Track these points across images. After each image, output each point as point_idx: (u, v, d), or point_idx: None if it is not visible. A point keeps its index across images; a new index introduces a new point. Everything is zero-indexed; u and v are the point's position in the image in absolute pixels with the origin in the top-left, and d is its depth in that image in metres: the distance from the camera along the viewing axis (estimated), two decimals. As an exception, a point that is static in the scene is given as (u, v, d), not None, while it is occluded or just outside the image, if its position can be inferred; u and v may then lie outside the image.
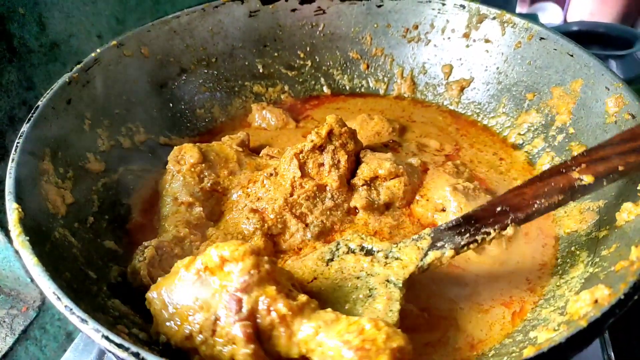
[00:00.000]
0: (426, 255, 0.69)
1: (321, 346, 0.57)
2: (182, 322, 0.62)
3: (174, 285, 0.63)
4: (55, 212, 0.76)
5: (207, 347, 0.60)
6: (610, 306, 0.52)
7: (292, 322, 0.59)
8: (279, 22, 1.18)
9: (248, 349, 0.57)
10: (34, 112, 0.80)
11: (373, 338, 0.55)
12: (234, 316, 0.58)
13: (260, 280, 0.60)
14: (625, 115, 0.82)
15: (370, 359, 0.54)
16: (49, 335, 1.14)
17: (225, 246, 0.61)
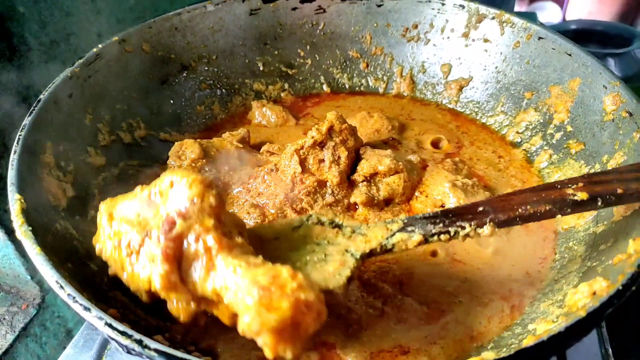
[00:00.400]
0: (393, 235, 0.67)
1: (235, 285, 0.55)
2: (117, 237, 0.61)
3: (126, 201, 0.63)
4: (57, 204, 0.76)
5: (129, 266, 0.60)
6: (608, 297, 0.52)
7: (215, 256, 0.57)
8: (279, 20, 1.18)
9: (162, 269, 0.57)
10: (36, 105, 0.81)
11: (283, 284, 0.53)
12: (162, 235, 0.58)
13: (201, 211, 0.59)
14: (623, 113, 0.83)
15: (271, 301, 0.52)
16: (49, 332, 1.14)
17: (179, 172, 0.61)
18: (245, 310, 0.52)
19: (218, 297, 0.57)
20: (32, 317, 1.09)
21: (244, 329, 0.52)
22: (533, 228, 0.88)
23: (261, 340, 0.51)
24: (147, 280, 0.58)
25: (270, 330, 0.50)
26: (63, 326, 1.16)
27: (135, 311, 0.69)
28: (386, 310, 0.76)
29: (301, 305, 0.51)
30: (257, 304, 0.51)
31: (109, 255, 0.62)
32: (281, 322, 0.50)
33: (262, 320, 0.50)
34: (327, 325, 0.73)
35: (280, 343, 0.51)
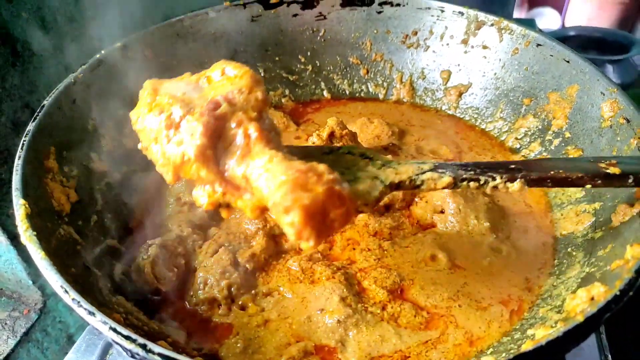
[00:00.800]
0: (423, 173, 0.66)
1: (267, 171, 0.55)
2: (158, 108, 0.61)
3: (172, 82, 0.64)
4: (60, 209, 0.77)
5: (164, 138, 0.60)
6: (606, 302, 0.53)
7: (254, 144, 0.57)
8: (280, 27, 1.19)
9: (200, 140, 0.57)
10: (40, 111, 0.81)
11: (320, 173, 0.53)
12: (206, 111, 0.58)
13: (247, 101, 0.59)
14: (620, 119, 0.84)
15: (307, 183, 0.52)
16: (50, 337, 1.14)
17: (232, 63, 0.62)
18: (278, 188, 0.52)
19: (247, 183, 0.57)
20: (34, 322, 1.09)
21: (275, 202, 0.51)
22: (532, 232, 0.89)
23: (289, 218, 0.50)
24: (180, 154, 0.58)
25: (302, 208, 0.50)
26: (64, 331, 1.16)
27: (138, 316, 0.69)
28: (386, 315, 0.77)
29: (335, 195, 0.52)
30: (292, 182, 0.51)
31: (145, 125, 0.62)
32: (314, 202, 0.51)
33: (296, 196, 0.51)
34: (327, 329, 0.75)
35: (307, 226, 0.51)
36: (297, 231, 0.51)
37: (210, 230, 0.87)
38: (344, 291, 0.79)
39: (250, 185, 0.57)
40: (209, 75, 0.63)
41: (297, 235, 0.51)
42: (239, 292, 0.79)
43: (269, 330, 0.76)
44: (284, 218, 0.52)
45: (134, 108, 0.64)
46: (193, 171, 0.58)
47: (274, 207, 0.52)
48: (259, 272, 0.83)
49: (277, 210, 0.52)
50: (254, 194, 0.57)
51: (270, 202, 0.52)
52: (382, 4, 1.20)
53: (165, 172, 0.61)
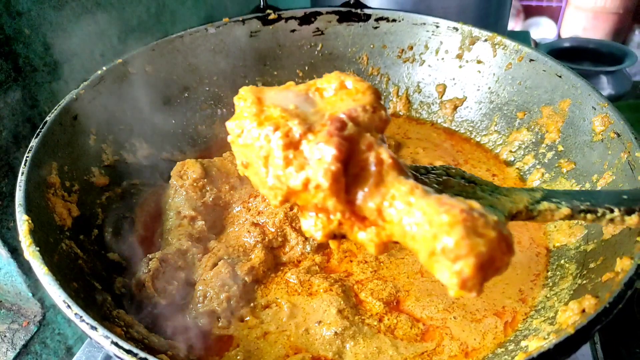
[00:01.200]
0: (539, 202, 0.58)
1: (410, 205, 0.48)
2: (271, 123, 0.53)
3: (277, 91, 0.57)
4: (62, 224, 0.78)
5: (280, 159, 0.52)
6: (596, 314, 0.54)
7: (387, 172, 0.50)
8: (278, 42, 1.21)
9: (334, 166, 0.49)
10: (42, 127, 0.83)
11: (482, 213, 0.46)
12: (334, 131, 0.50)
13: (371, 121, 0.53)
14: (611, 134, 0.86)
15: (476, 226, 0.45)
16: (49, 350, 1.15)
17: (351, 76, 0.56)
18: (445, 230, 0.45)
19: (379, 216, 0.51)
20: (33, 335, 1.09)
21: (446, 248, 0.45)
22: (525, 244, 0.90)
23: (457, 267, 0.44)
24: (303, 180, 0.51)
25: (477, 256, 0.44)
26: (63, 343, 1.17)
27: (139, 330, 0.70)
28: (383, 327, 0.78)
29: (503, 240, 0.46)
30: (463, 224, 0.45)
31: (252, 142, 0.54)
32: (490, 249, 0.44)
33: (472, 243, 0.44)
34: (324, 341, 0.76)
35: (476, 276, 0.44)
36: (462, 281, 0.45)
37: (209, 243, 0.88)
38: (342, 303, 0.80)
39: (383, 219, 0.51)
40: (319, 87, 0.57)
41: (461, 285, 0.45)
42: (238, 304, 0.80)
43: (267, 342, 0.77)
44: (452, 266, 0.45)
45: (231, 118, 0.56)
46: (318, 200, 0.51)
47: (441, 253, 0.45)
48: (257, 284, 0.84)
49: (443, 256, 0.45)
50: (384, 229, 0.51)
51: (439, 247, 0.45)
52: (378, 19, 1.22)
53: (272, 196, 0.55)
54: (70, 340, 1.18)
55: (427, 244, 0.47)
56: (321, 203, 0.51)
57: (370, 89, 0.55)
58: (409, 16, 1.20)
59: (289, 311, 0.81)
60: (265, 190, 0.55)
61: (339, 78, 0.56)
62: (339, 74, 0.57)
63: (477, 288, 0.45)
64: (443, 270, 0.46)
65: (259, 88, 0.57)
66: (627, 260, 0.62)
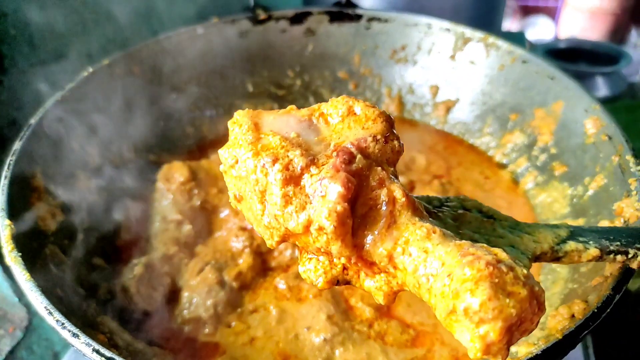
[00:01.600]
0: (565, 242, 0.53)
1: (426, 253, 0.43)
2: (269, 153, 0.47)
3: (276, 116, 0.51)
4: (46, 229, 0.76)
5: (278, 195, 0.46)
6: (584, 319, 0.54)
7: (400, 212, 0.45)
8: (269, 42, 1.20)
9: (340, 206, 0.43)
10: (27, 130, 0.81)
11: (512, 265, 0.40)
12: (340, 164, 0.45)
13: (382, 153, 0.48)
14: (603, 136, 0.85)
15: (505, 283, 0.39)
16: (35, 356, 1.13)
17: (360, 101, 0.51)
18: (468, 288, 0.39)
19: (390, 262, 0.45)
20: (19, 341, 1.08)
21: (470, 309, 0.39)
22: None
23: (482, 330, 0.38)
24: (304, 221, 0.45)
25: (505, 320, 0.38)
26: (50, 349, 1.15)
27: (123, 336, 0.69)
28: (373, 333, 0.77)
29: (534, 297, 0.39)
30: (489, 282, 0.38)
31: (247, 174, 0.48)
32: (520, 310, 0.38)
33: (501, 304, 0.38)
34: (313, 347, 0.75)
35: (502, 341, 0.38)
36: (486, 346, 0.39)
37: (196, 247, 0.86)
38: (331, 309, 0.79)
39: (394, 266, 0.45)
40: (324, 113, 0.51)
41: (485, 350, 0.39)
42: (225, 310, 0.79)
43: (255, 349, 0.76)
44: (475, 330, 0.39)
45: (224, 146, 0.51)
46: (320, 244, 0.45)
47: (463, 313, 0.39)
48: (245, 290, 0.83)
49: (466, 318, 0.39)
50: (396, 277, 0.46)
51: (461, 307, 0.39)
52: (370, 19, 1.21)
53: (267, 236, 0.49)
54: (57, 346, 1.17)
55: (446, 300, 0.40)
56: (324, 247, 0.45)
57: (381, 116, 0.50)
58: (401, 17, 1.19)
59: (278, 317, 0.80)
60: (260, 228, 0.49)
61: (347, 103, 0.51)
62: (347, 99, 0.51)
63: (502, 353, 0.39)
64: (464, 332, 0.40)
65: (256, 112, 0.52)
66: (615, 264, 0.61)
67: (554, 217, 0.92)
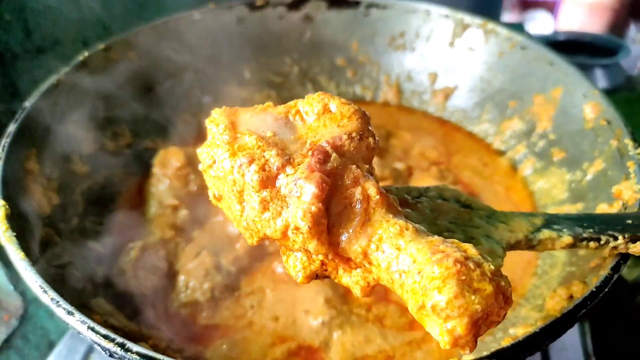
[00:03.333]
0: (539, 230, 0.56)
1: (399, 250, 0.44)
2: (245, 154, 0.48)
3: (253, 114, 0.52)
4: (41, 211, 0.76)
5: (254, 194, 0.47)
6: (582, 298, 0.53)
7: (374, 210, 0.46)
8: (266, 28, 1.19)
9: (315, 206, 0.44)
10: (21, 113, 0.81)
11: (479, 262, 0.42)
12: (315, 164, 0.46)
13: (358, 151, 0.49)
14: (602, 121, 0.85)
15: (472, 280, 0.41)
16: (31, 344, 1.12)
17: (336, 98, 0.52)
18: (436, 286, 0.41)
19: (364, 259, 0.46)
20: (15, 329, 1.07)
21: (436, 306, 0.41)
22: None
23: (449, 325, 0.40)
24: (283, 224, 0.47)
25: (471, 315, 0.40)
26: (45, 338, 1.14)
27: (119, 318, 0.68)
28: (371, 316, 0.77)
29: (500, 292, 0.41)
30: (456, 279, 0.40)
31: (224, 174, 0.49)
32: (485, 306, 0.40)
33: (465, 302, 0.40)
34: (311, 330, 0.75)
35: (469, 334, 0.41)
36: (454, 339, 0.41)
37: (193, 233, 0.86)
38: (329, 292, 0.79)
39: (369, 262, 0.46)
40: (299, 110, 0.52)
41: (453, 343, 0.41)
42: (222, 294, 0.79)
43: (253, 332, 0.76)
44: (442, 324, 0.41)
45: (203, 145, 0.52)
46: (298, 243, 0.47)
47: (435, 308, 0.41)
48: (242, 274, 0.82)
49: (434, 314, 0.41)
50: (371, 272, 0.47)
51: (429, 304, 0.41)
52: (368, 6, 1.20)
53: (247, 236, 0.50)
54: (52, 334, 1.16)
55: (416, 297, 0.42)
56: (301, 246, 0.47)
57: (357, 114, 0.51)
58: (399, 3, 1.18)
59: (276, 300, 0.80)
60: (240, 227, 0.50)
61: (322, 100, 0.52)
62: (323, 96, 0.52)
63: (470, 345, 0.41)
64: (433, 326, 0.42)
65: (233, 110, 0.53)
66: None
67: (552, 202, 0.92)
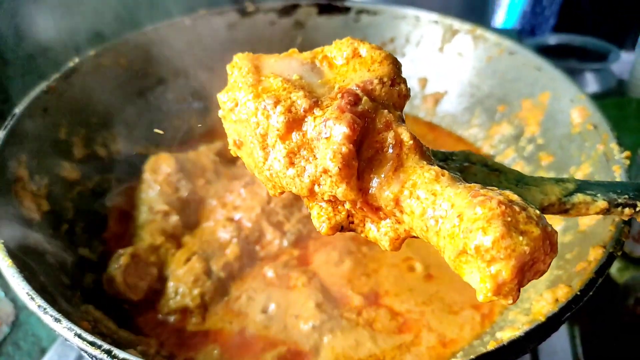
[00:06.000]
0: (572, 194, 0.52)
1: (435, 195, 0.41)
2: (270, 95, 0.45)
3: (277, 59, 0.50)
4: (30, 218, 0.76)
5: (279, 145, 0.45)
6: (567, 302, 0.54)
7: (407, 156, 0.43)
8: (257, 34, 1.20)
9: (345, 147, 0.41)
10: (11, 119, 0.81)
11: (524, 205, 0.39)
12: (345, 106, 0.43)
13: (389, 96, 0.46)
14: (588, 125, 0.86)
15: (518, 222, 0.38)
16: (22, 351, 1.12)
17: (366, 43, 0.50)
18: (480, 227, 0.37)
19: (396, 206, 0.43)
20: (6, 336, 1.07)
21: (481, 247, 0.37)
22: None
23: (494, 269, 0.37)
24: (307, 173, 0.44)
25: (518, 257, 0.37)
26: (37, 345, 1.14)
27: (107, 325, 0.68)
28: (362, 320, 0.77)
29: (547, 238, 0.38)
30: (502, 220, 0.37)
31: (245, 115, 0.46)
32: (533, 249, 0.37)
33: (514, 242, 0.37)
34: (302, 335, 0.75)
35: (514, 280, 0.37)
36: (497, 285, 0.38)
37: (183, 238, 0.86)
38: (320, 297, 0.79)
39: (401, 210, 0.43)
40: (327, 56, 0.50)
41: (496, 290, 0.38)
42: (212, 300, 0.79)
43: (244, 337, 0.76)
44: (486, 269, 0.38)
45: (223, 90, 0.49)
46: (326, 189, 0.43)
47: (475, 253, 0.38)
48: (232, 279, 0.83)
49: (477, 257, 0.38)
50: (402, 222, 0.44)
51: (472, 245, 0.38)
52: (359, 12, 1.21)
53: (269, 186, 0.48)
54: (44, 341, 1.16)
55: (455, 241, 0.39)
56: (329, 190, 0.43)
57: (388, 58, 0.48)
58: (389, 9, 1.19)
59: (266, 305, 0.80)
60: (261, 176, 0.47)
61: (352, 45, 0.49)
62: (352, 40, 0.50)
63: (513, 294, 0.39)
64: (474, 273, 0.39)
65: (256, 55, 0.50)
66: (599, 249, 0.62)
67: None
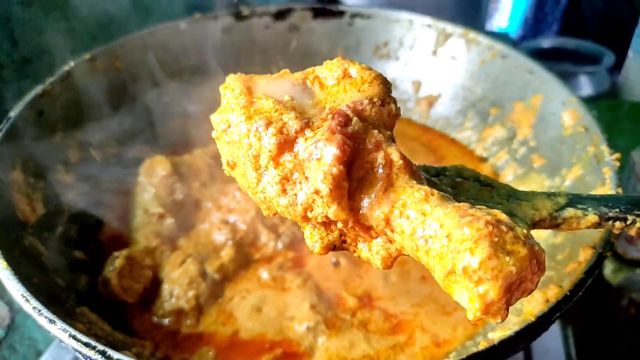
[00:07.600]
0: (563, 209, 0.52)
1: (425, 215, 0.42)
2: (262, 117, 0.46)
3: (269, 80, 0.51)
4: (25, 220, 0.76)
5: (270, 168, 0.46)
6: (556, 302, 0.55)
7: (397, 175, 0.44)
8: (252, 38, 1.20)
9: (336, 168, 0.42)
10: (6, 122, 0.81)
11: (511, 225, 0.40)
12: (335, 126, 0.44)
13: (379, 116, 0.47)
14: (579, 128, 0.87)
15: (504, 242, 0.38)
16: (18, 354, 1.12)
17: (356, 64, 0.50)
18: (467, 248, 0.38)
19: (387, 226, 0.44)
20: (1, 340, 1.07)
21: (468, 268, 0.38)
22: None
23: (481, 289, 0.38)
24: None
25: (504, 278, 0.38)
26: (33, 348, 1.14)
27: (102, 327, 0.69)
28: (356, 321, 0.78)
29: (534, 257, 0.39)
30: (488, 241, 0.38)
31: (239, 138, 0.47)
32: (520, 269, 0.38)
33: (500, 263, 0.38)
34: (297, 336, 0.76)
35: (502, 300, 0.38)
36: (485, 305, 0.38)
37: (178, 241, 0.86)
38: (315, 298, 0.79)
39: (392, 230, 0.44)
40: (318, 76, 0.51)
41: (484, 310, 0.39)
42: (207, 302, 0.79)
43: (239, 339, 0.76)
44: (474, 289, 0.39)
45: (216, 111, 0.50)
46: (318, 211, 0.45)
47: (466, 270, 0.39)
48: (227, 282, 0.83)
49: (465, 277, 0.39)
50: (393, 241, 0.45)
51: (460, 266, 0.39)
52: (353, 16, 1.22)
53: (263, 207, 0.49)
54: (40, 344, 1.15)
55: (444, 261, 0.40)
56: (323, 212, 0.44)
57: (378, 79, 0.49)
58: (383, 13, 1.20)
59: (261, 306, 0.80)
60: (255, 198, 0.48)
61: (342, 65, 0.50)
62: (342, 61, 0.51)
63: (502, 313, 0.39)
64: (462, 293, 0.40)
65: (248, 76, 0.51)
66: (589, 250, 0.63)
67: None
